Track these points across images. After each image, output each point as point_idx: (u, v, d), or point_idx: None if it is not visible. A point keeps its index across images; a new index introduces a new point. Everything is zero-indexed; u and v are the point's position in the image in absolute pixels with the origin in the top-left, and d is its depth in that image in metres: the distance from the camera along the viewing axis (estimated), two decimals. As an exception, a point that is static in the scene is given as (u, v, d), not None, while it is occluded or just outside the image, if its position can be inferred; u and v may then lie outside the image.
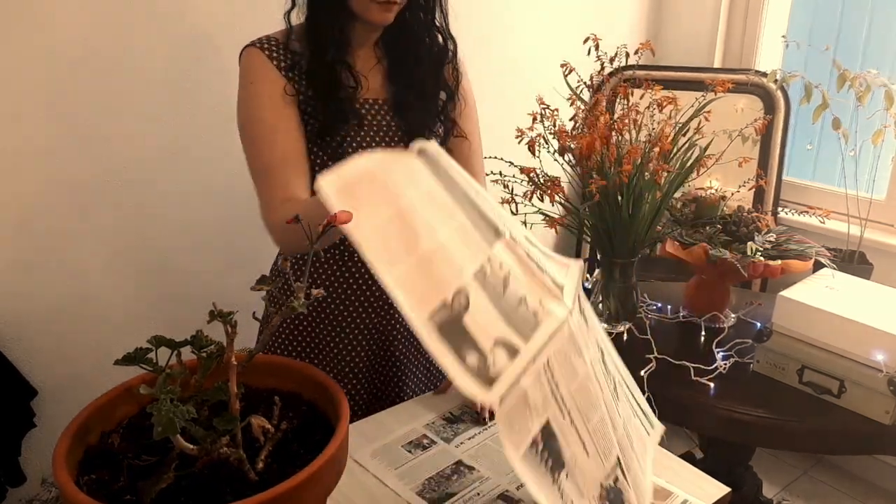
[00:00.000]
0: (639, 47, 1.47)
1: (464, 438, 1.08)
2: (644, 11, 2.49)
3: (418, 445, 1.06)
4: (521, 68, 2.17)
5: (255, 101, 1.12)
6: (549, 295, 0.72)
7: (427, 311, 0.60)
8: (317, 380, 0.85)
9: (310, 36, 1.12)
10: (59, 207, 1.46)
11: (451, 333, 0.60)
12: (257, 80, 1.12)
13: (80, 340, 1.54)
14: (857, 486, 2.32)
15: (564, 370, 0.71)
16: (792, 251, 1.55)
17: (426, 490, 0.96)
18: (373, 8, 1.08)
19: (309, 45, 1.12)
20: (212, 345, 0.73)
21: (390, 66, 1.21)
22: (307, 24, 1.13)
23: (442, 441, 1.07)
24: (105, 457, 0.75)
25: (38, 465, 1.46)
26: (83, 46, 1.41)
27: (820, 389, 1.38)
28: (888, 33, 2.14)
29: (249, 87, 1.12)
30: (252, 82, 1.12)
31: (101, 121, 1.47)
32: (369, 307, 1.24)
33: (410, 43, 1.19)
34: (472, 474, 0.99)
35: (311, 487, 0.69)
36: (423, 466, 1.01)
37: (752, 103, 2.24)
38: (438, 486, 0.96)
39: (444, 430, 1.10)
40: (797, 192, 2.33)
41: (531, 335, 0.67)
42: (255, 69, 1.12)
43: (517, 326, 0.65)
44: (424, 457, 1.03)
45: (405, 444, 1.06)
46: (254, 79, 1.12)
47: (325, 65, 1.12)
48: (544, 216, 1.45)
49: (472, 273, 0.65)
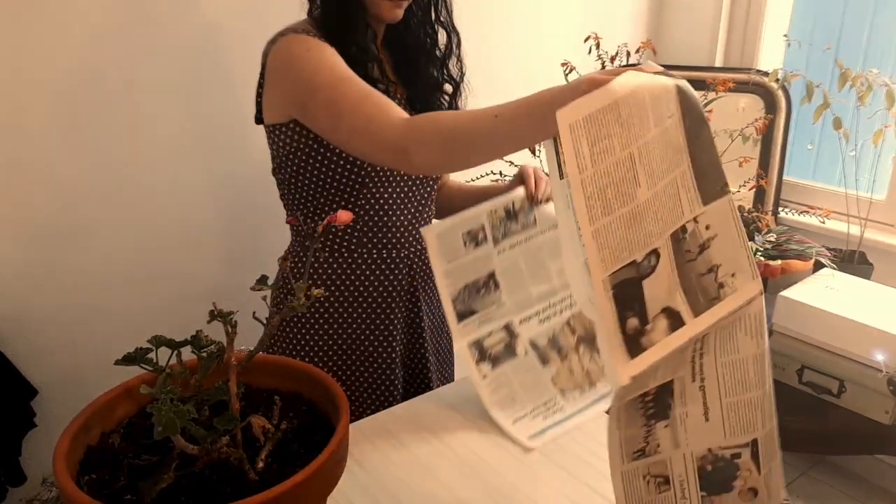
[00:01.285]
0: (640, 46, 1.47)
1: (507, 245, 1.11)
2: (645, 10, 2.48)
3: (474, 238, 1.09)
4: (521, 67, 2.17)
5: (320, 58, 1.04)
6: (744, 270, 0.68)
7: (613, 268, 0.58)
8: (317, 380, 0.85)
9: (335, 35, 1.08)
10: (60, 207, 1.46)
11: (625, 295, 0.59)
12: (313, 47, 1.06)
13: (80, 340, 1.54)
14: (857, 486, 2.32)
15: (721, 342, 0.68)
16: (792, 251, 1.55)
17: (458, 300, 1.06)
18: (384, 5, 1.09)
19: (338, 44, 1.08)
20: (212, 345, 0.73)
21: (398, 61, 1.21)
22: (327, 22, 1.10)
23: (491, 240, 1.09)
24: (105, 456, 0.75)
25: (39, 465, 1.46)
26: (83, 46, 1.41)
27: (820, 389, 1.38)
28: (890, 33, 2.14)
29: (309, 54, 1.05)
30: (309, 49, 1.05)
31: (101, 121, 1.47)
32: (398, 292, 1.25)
33: (416, 38, 1.19)
34: (494, 294, 1.08)
35: (311, 487, 0.69)
36: (466, 270, 1.08)
37: (754, 103, 2.24)
38: (468, 298, 1.07)
39: (500, 224, 1.11)
40: (797, 191, 2.33)
41: (706, 308, 0.64)
42: (306, 41, 1.06)
43: (693, 296, 0.64)
44: (472, 257, 1.08)
45: (464, 234, 1.08)
46: (310, 45, 1.06)
47: (360, 64, 1.08)
48: (545, 216, 1.45)
49: (671, 231, 0.62)
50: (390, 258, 1.23)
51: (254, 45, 1.16)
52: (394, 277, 1.24)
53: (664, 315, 0.61)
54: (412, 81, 1.21)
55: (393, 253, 1.23)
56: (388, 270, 1.23)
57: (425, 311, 1.30)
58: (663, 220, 0.62)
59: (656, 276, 0.60)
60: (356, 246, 1.21)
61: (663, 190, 0.62)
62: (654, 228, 0.61)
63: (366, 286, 1.23)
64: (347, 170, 1.13)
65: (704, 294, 0.64)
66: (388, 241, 1.22)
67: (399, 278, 1.25)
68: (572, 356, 1.10)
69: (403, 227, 1.23)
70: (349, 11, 1.09)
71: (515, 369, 1.08)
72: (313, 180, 1.15)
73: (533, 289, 1.12)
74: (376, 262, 1.22)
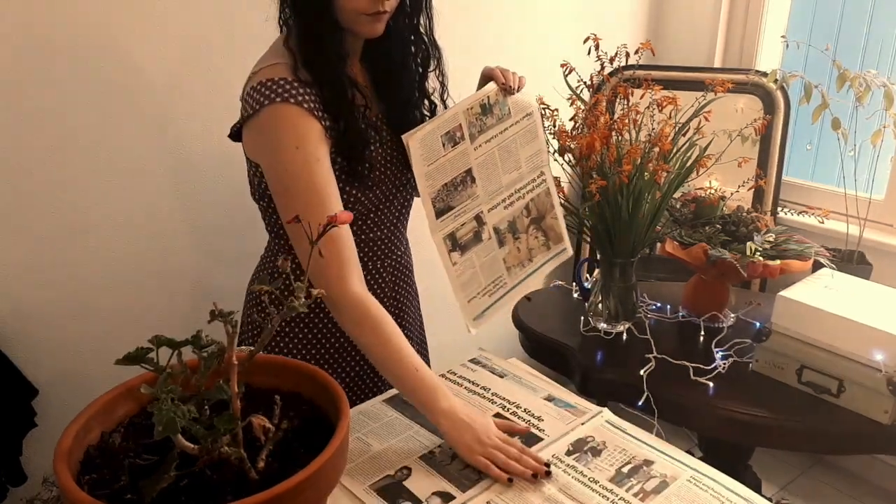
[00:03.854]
0: (639, 47, 1.47)
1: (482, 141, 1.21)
2: (644, 11, 2.49)
3: (452, 139, 1.17)
4: (521, 68, 2.16)
5: (306, 166, 1.03)
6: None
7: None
8: (317, 379, 0.86)
9: (313, 60, 1.05)
10: (60, 207, 1.46)
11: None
12: (303, 143, 1.03)
13: (80, 340, 1.54)
14: (857, 485, 2.32)
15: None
16: (791, 251, 1.55)
17: (438, 199, 1.16)
18: (363, 20, 1.04)
19: (317, 72, 1.05)
20: (212, 344, 0.74)
21: (377, 76, 1.18)
22: (304, 46, 1.05)
23: (468, 138, 1.19)
24: (106, 456, 0.75)
25: (40, 465, 1.46)
26: (83, 45, 1.41)
27: (819, 389, 1.38)
28: (888, 33, 2.15)
29: (298, 154, 1.03)
30: (298, 147, 1.03)
31: (101, 121, 1.47)
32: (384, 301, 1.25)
33: (396, 51, 1.16)
34: (470, 189, 1.20)
35: (312, 487, 0.69)
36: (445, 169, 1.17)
37: (752, 103, 2.24)
38: (447, 196, 1.17)
39: (476, 121, 1.21)
40: (796, 192, 2.33)
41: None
42: (298, 131, 1.03)
43: None
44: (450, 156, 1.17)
45: (443, 136, 1.16)
46: (299, 142, 1.03)
47: (341, 90, 1.07)
48: (544, 216, 1.46)
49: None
50: (375, 269, 1.24)
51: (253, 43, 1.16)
52: (378, 289, 1.24)
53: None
54: (390, 96, 1.18)
55: (378, 264, 1.24)
56: (373, 282, 1.23)
57: (408, 322, 1.31)
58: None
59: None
60: None
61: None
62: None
63: None
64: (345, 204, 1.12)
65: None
66: (373, 253, 1.22)
67: (383, 287, 1.25)
68: (522, 236, 1.28)
69: (381, 242, 1.23)
70: (325, 40, 1.04)
71: (478, 253, 1.23)
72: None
73: (504, 177, 1.25)
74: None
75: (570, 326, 1.68)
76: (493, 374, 1.25)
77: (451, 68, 1.25)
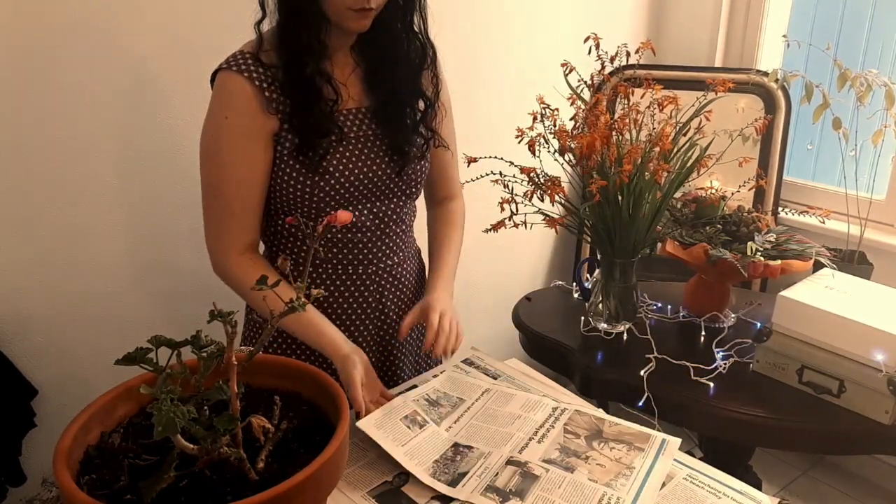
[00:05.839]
0: (639, 46, 1.47)
1: (451, 422, 1.11)
2: (645, 10, 2.49)
3: (414, 422, 1.08)
4: (521, 68, 2.17)
5: (227, 139, 1.08)
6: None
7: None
8: (317, 380, 0.86)
9: (285, 46, 1.07)
10: (60, 207, 1.46)
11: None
12: (233, 114, 1.07)
13: (80, 340, 1.54)
14: (857, 485, 2.32)
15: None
16: (792, 251, 1.55)
17: (438, 473, 0.99)
18: (349, 15, 1.04)
19: (284, 57, 1.07)
20: (212, 345, 0.74)
21: (368, 71, 1.17)
22: (281, 33, 1.07)
23: (432, 423, 1.09)
24: (105, 456, 0.75)
25: (39, 465, 1.46)
26: (83, 45, 1.41)
27: (820, 389, 1.38)
28: (889, 33, 2.14)
29: (224, 123, 1.08)
30: (227, 116, 1.07)
31: (101, 120, 1.47)
32: (367, 308, 1.25)
33: (388, 46, 1.15)
34: (474, 452, 1.03)
35: (311, 487, 0.69)
36: (426, 448, 1.04)
37: (753, 103, 2.24)
38: (448, 469, 1.00)
39: (431, 409, 1.12)
40: (797, 191, 2.33)
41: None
42: (232, 99, 1.07)
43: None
44: (423, 436, 1.06)
45: (402, 419, 1.08)
46: (230, 111, 1.07)
47: (304, 78, 1.07)
48: (544, 216, 1.45)
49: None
50: (356, 275, 1.23)
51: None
52: (360, 296, 1.24)
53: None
54: (380, 91, 1.17)
55: (360, 269, 1.23)
56: (353, 288, 1.23)
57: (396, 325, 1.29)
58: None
59: None
60: (322, 261, 1.20)
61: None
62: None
63: (332, 305, 1.22)
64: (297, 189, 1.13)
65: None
66: (353, 257, 1.21)
67: (365, 295, 1.24)
68: (592, 454, 1.03)
69: (364, 247, 1.22)
70: (310, 29, 1.05)
71: (545, 488, 0.96)
72: (273, 201, 1.16)
73: (509, 428, 1.09)
74: (342, 278, 1.22)
75: (571, 326, 1.68)
76: (486, 375, 1.25)
77: (451, 68, 1.24)
